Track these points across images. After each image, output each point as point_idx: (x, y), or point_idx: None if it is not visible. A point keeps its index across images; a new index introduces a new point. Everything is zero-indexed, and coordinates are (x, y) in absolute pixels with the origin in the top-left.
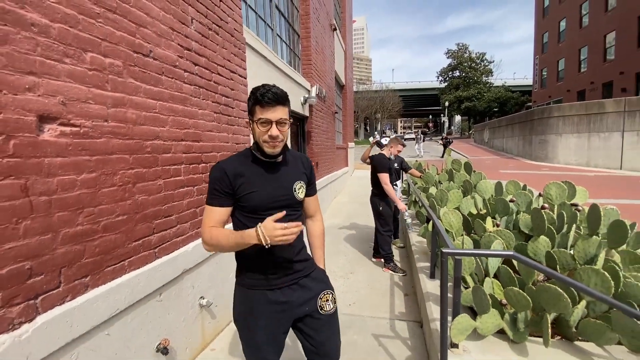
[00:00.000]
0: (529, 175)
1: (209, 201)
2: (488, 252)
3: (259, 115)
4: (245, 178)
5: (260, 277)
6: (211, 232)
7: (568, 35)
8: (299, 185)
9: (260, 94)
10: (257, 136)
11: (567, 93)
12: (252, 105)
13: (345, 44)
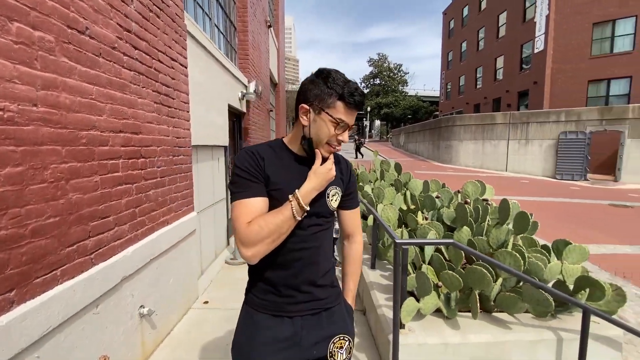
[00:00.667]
0: (438, 175)
1: (240, 193)
2: (435, 241)
3: (339, 115)
4: (274, 169)
5: (271, 297)
6: (257, 223)
7: (468, 56)
8: (334, 192)
9: (349, 89)
10: (321, 135)
11: (466, 105)
12: (332, 98)
13: (278, 42)
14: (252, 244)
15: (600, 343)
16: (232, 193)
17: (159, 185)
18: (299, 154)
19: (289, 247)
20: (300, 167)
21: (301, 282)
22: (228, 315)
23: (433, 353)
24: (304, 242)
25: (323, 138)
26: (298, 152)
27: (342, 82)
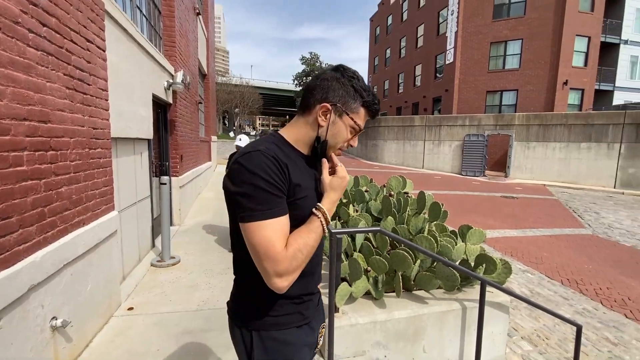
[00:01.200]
0: (366, 172)
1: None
2: (366, 229)
3: (360, 121)
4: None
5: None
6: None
7: (391, 62)
8: None
9: (372, 97)
10: (338, 138)
11: (390, 108)
12: (357, 102)
13: (207, 31)
14: (292, 272)
15: (493, 308)
16: (252, 210)
17: (73, 182)
18: (306, 154)
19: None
20: (310, 170)
21: (314, 288)
22: (157, 320)
23: (363, 331)
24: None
25: (339, 142)
26: (306, 152)
27: (367, 88)
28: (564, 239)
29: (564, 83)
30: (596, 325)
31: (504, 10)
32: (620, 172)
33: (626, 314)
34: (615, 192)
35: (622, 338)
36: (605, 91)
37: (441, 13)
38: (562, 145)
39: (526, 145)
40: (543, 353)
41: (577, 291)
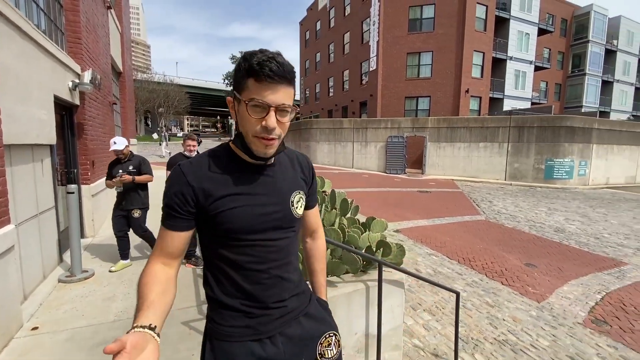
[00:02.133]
0: None
1: (162, 220)
2: None
3: (252, 94)
4: (221, 188)
5: (241, 321)
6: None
7: (321, 66)
8: (298, 197)
9: (257, 61)
10: (245, 127)
11: (321, 110)
12: (243, 77)
13: (121, 26)
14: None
15: (391, 285)
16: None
17: None
18: (249, 159)
19: (254, 269)
20: (250, 171)
21: (273, 301)
22: (68, 336)
23: None
24: (269, 261)
25: (248, 130)
26: (247, 156)
27: (251, 55)
28: (464, 225)
29: (465, 91)
30: (480, 293)
31: (417, 24)
32: (508, 167)
33: (502, 282)
34: (505, 183)
35: (498, 301)
36: (498, 99)
37: (365, 22)
38: (465, 145)
39: (438, 145)
40: (439, 320)
41: (469, 267)
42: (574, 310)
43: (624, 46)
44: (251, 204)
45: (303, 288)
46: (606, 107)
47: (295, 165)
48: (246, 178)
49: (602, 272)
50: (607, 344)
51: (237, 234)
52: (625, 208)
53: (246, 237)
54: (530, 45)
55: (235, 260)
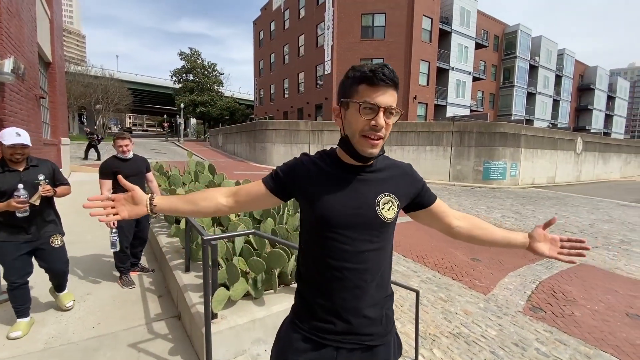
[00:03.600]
0: (254, 175)
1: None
2: (238, 233)
3: (364, 97)
4: (320, 180)
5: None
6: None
7: (276, 67)
8: (386, 199)
9: (370, 69)
10: (354, 126)
11: (277, 112)
12: (354, 84)
13: (51, 11)
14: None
15: None
16: None
17: None
18: (348, 162)
19: (327, 264)
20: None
21: (340, 308)
22: None
23: (243, 331)
24: (346, 260)
25: (355, 129)
26: (346, 160)
27: (361, 66)
28: (415, 225)
29: (414, 98)
30: (434, 289)
31: (369, 32)
32: (452, 168)
33: (453, 277)
34: (449, 184)
35: (450, 295)
36: (441, 105)
37: (319, 26)
38: (414, 148)
39: (390, 149)
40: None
41: (423, 264)
42: (514, 300)
43: (544, 63)
44: (338, 199)
45: (386, 319)
46: (531, 116)
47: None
48: (341, 178)
49: (534, 263)
50: (543, 329)
51: (324, 224)
52: (548, 205)
53: (333, 230)
54: (469, 58)
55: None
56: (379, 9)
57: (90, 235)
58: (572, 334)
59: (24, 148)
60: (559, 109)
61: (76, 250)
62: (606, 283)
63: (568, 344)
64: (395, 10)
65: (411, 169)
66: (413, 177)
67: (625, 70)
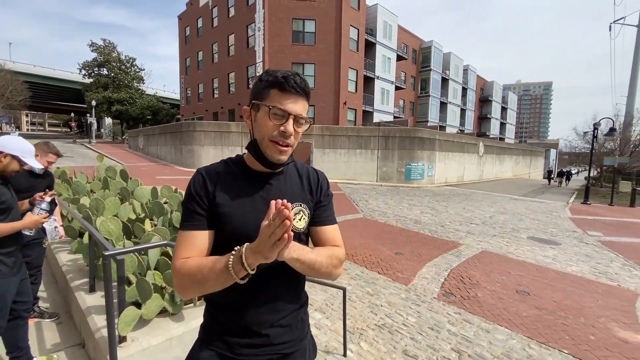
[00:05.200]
0: (180, 180)
1: (184, 224)
2: (146, 246)
3: (274, 102)
4: (225, 191)
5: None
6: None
7: (205, 66)
8: (297, 210)
9: (282, 75)
10: (262, 132)
11: (206, 112)
12: (266, 88)
13: None
14: (180, 287)
15: None
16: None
17: None
18: (257, 169)
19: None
20: (256, 181)
21: (254, 323)
22: None
23: (159, 352)
24: (258, 275)
25: (264, 134)
26: (254, 166)
27: (275, 71)
28: (346, 223)
29: (344, 103)
30: (362, 284)
31: (300, 36)
32: (379, 170)
33: (379, 271)
34: (377, 184)
35: (376, 289)
36: (369, 112)
37: (250, 27)
38: (345, 151)
39: (322, 151)
40: (329, 317)
41: (352, 262)
42: (430, 288)
43: (453, 76)
44: (249, 211)
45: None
46: (444, 122)
47: (304, 178)
48: (249, 187)
49: (447, 252)
50: (454, 312)
51: (233, 238)
52: (458, 201)
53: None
54: (392, 68)
55: None
56: (309, 15)
57: None
58: (475, 313)
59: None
60: (465, 117)
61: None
62: (501, 266)
63: (472, 323)
64: (324, 18)
65: (324, 178)
66: (323, 187)
67: (514, 86)
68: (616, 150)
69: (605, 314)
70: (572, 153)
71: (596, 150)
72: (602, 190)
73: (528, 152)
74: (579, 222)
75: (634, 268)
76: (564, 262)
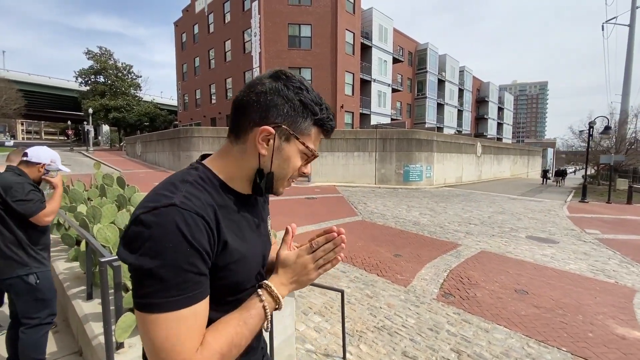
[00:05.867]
0: None
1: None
2: None
3: (311, 145)
4: (233, 231)
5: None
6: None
7: (202, 72)
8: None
9: (326, 112)
10: (286, 169)
11: (204, 118)
12: (307, 121)
13: None
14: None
15: None
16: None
17: None
18: (242, 192)
19: None
20: (250, 217)
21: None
22: None
23: None
24: None
25: (289, 172)
26: (241, 190)
27: (319, 101)
28: (345, 226)
29: (341, 106)
30: (360, 287)
31: (297, 41)
32: (377, 172)
33: (377, 273)
34: (376, 187)
35: (375, 291)
36: (366, 114)
37: (246, 33)
38: (343, 154)
39: (321, 155)
40: (328, 320)
41: (351, 264)
42: (429, 289)
43: (449, 77)
44: (255, 251)
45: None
46: (441, 124)
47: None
48: (245, 218)
49: (446, 253)
50: (453, 312)
51: (239, 285)
52: (456, 202)
53: (245, 287)
54: (388, 71)
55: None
56: (305, 20)
57: None
58: (474, 313)
59: None
60: (462, 118)
61: None
62: (500, 265)
63: (472, 323)
64: (320, 22)
65: None
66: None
67: (510, 86)
68: (612, 148)
69: (603, 310)
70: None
71: (592, 148)
72: (600, 188)
73: (525, 152)
74: (577, 220)
75: (631, 265)
76: (562, 261)
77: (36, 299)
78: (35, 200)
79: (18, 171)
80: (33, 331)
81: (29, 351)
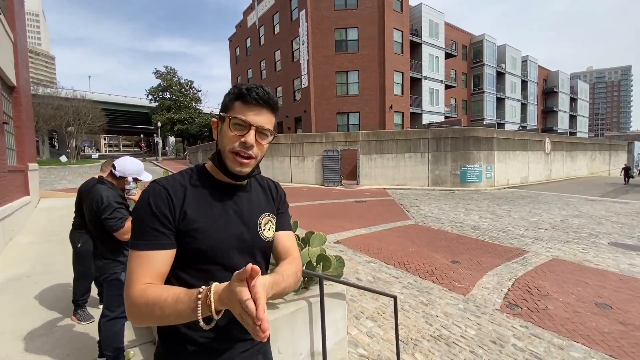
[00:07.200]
0: None
1: (140, 243)
2: None
3: (236, 114)
4: (192, 206)
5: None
6: (146, 293)
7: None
8: (266, 220)
9: (246, 87)
10: (224, 143)
11: None
12: (231, 100)
13: (14, 33)
14: (137, 316)
15: (333, 297)
16: (132, 238)
17: None
18: (222, 180)
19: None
20: (222, 193)
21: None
22: None
23: None
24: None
25: (226, 144)
26: (220, 177)
27: (242, 84)
28: (397, 230)
29: (390, 107)
30: (415, 294)
31: (343, 45)
32: (430, 174)
33: (433, 280)
34: (429, 189)
35: (431, 299)
36: (417, 113)
37: (294, 41)
38: (393, 156)
39: (369, 157)
40: (381, 326)
41: (404, 270)
42: (492, 299)
43: (510, 69)
44: (221, 226)
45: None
46: (502, 120)
47: (266, 189)
48: (217, 200)
49: (511, 261)
50: (519, 325)
51: (203, 257)
52: (522, 204)
53: (212, 262)
54: (440, 67)
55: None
56: (351, 24)
57: (62, 265)
58: (546, 327)
59: None
60: (527, 112)
61: (45, 281)
62: (577, 275)
63: (543, 338)
64: (366, 25)
65: (280, 187)
66: (281, 196)
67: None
68: None
69: None
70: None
71: None
72: None
73: (606, 147)
74: None
75: None
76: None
77: (121, 294)
78: (118, 219)
79: (109, 184)
80: (111, 324)
81: (110, 341)
